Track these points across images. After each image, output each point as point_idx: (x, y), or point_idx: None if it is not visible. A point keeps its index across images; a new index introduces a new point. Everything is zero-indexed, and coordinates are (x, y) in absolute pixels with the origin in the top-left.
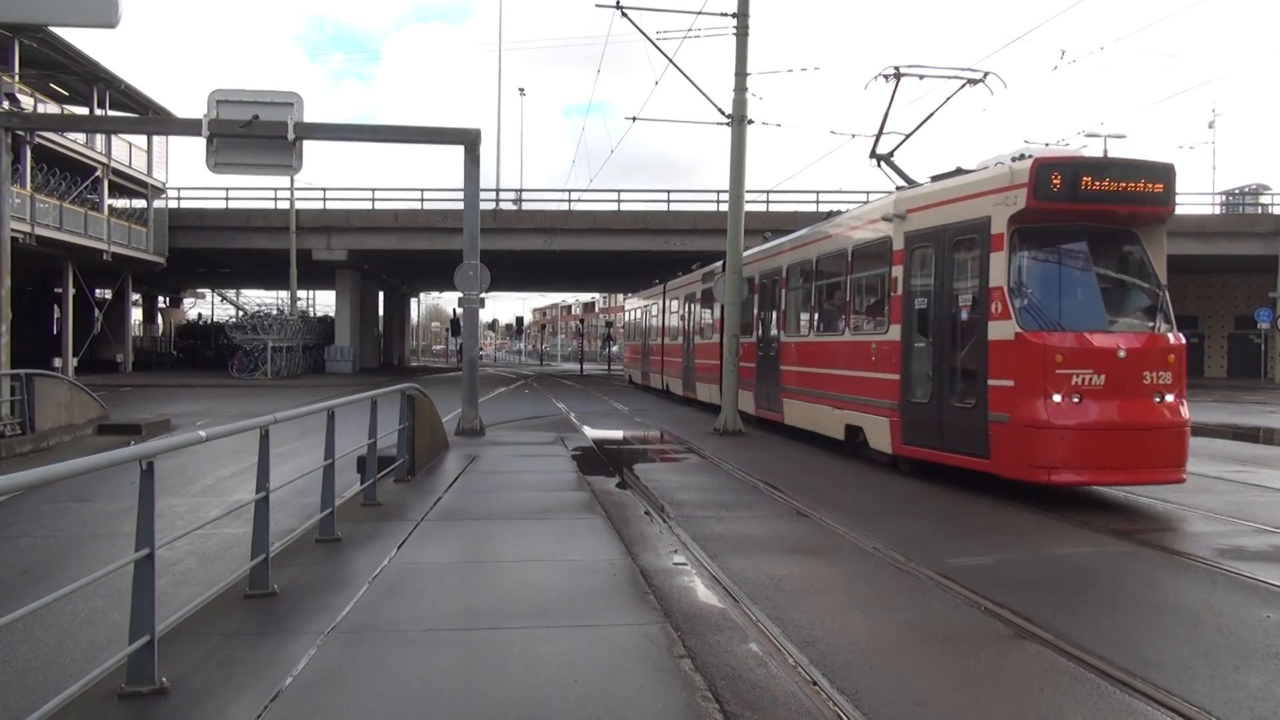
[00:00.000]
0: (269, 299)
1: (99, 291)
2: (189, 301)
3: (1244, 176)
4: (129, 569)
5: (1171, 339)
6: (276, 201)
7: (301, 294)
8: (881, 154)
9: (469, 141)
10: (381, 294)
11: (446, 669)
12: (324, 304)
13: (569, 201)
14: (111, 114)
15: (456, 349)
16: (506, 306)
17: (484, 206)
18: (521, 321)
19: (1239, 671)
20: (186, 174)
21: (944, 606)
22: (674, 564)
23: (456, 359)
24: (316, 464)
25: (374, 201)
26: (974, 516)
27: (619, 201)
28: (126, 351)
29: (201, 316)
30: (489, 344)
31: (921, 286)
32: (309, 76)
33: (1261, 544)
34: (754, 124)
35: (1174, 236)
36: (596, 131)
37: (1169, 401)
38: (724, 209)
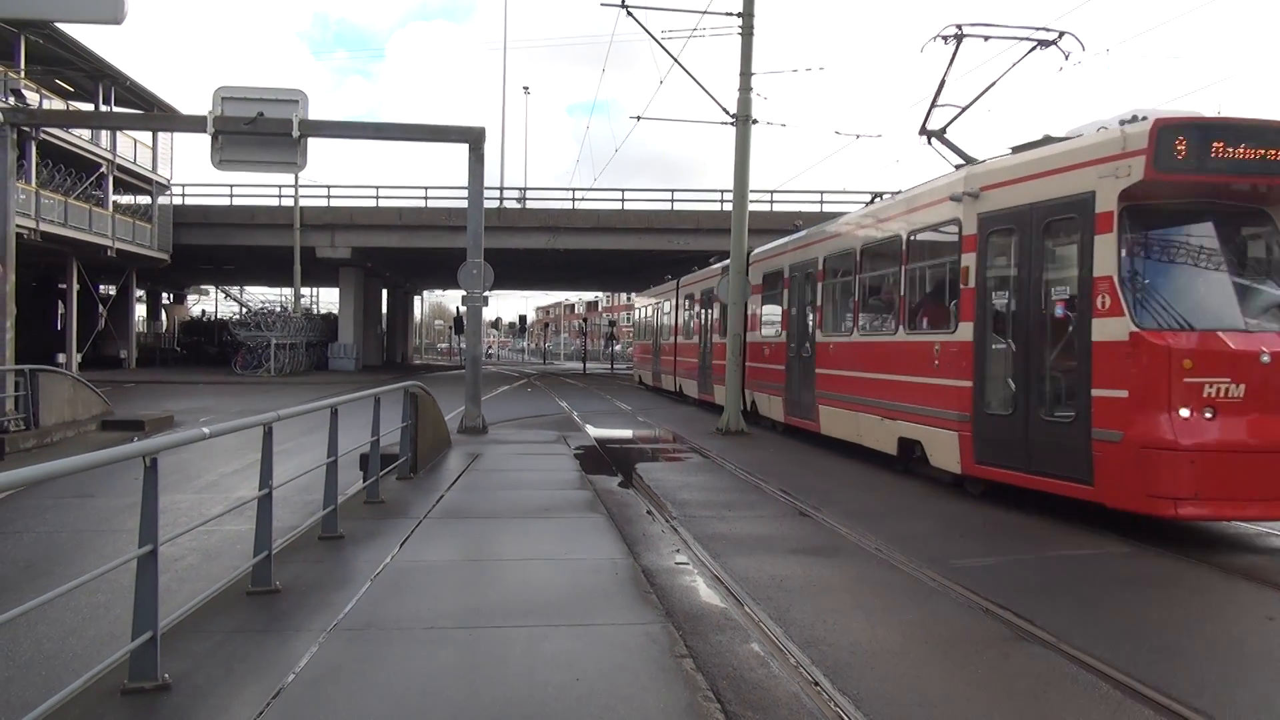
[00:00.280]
0: (273, 296)
1: (103, 288)
2: (193, 298)
3: None
4: (132, 565)
5: None
6: (281, 199)
7: (305, 291)
8: (933, 130)
9: (473, 140)
10: (385, 291)
11: (448, 667)
12: (328, 301)
13: (573, 200)
14: (117, 110)
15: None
16: (509, 305)
17: (488, 205)
18: (525, 320)
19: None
20: (191, 171)
21: (946, 607)
22: (676, 563)
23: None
24: (319, 461)
25: (378, 199)
26: (976, 518)
27: (623, 201)
28: (130, 348)
29: (205, 313)
30: (496, 343)
31: (1000, 277)
32: (313, 74)
33: None
34: (758, 124)
35: None
36: (601, 130)
37: None
38: (728, 209)
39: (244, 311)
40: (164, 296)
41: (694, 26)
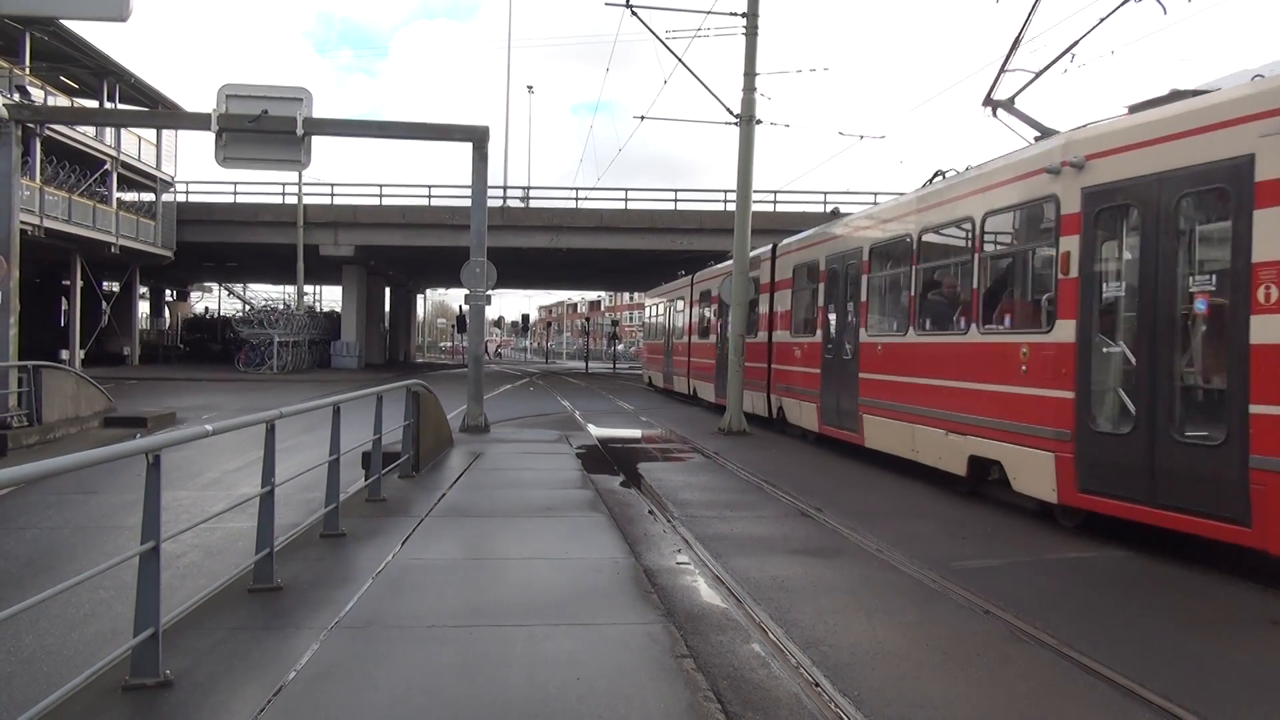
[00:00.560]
0: (276, 294)
1: (107, 284)
2: (196, 295)
3: None
4: (134, 562)
5: None
6: (284, 197)
7: (308, 289)
8: (1000, 99)
9: (477, 139)
10: (388, 290)
11: (449, 665)
12: (330, 299)
13: (576, 200)
14: (121, 107)
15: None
16: (512, 303)
17: (491, 204)
18: (527, 319)
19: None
20: (195, 168)
21: (947, 609)
22: (677, 563)
23: (463, 356)
24: (321, 459)
25: (381, 198)
26: (977, 520)
27: (626, 200)
28: (133, 345)
29: (208, 310)
30: (502, 343)
31: (1112, 265)
32: (317, 72)
33: None
34: (762, 124)
35: None
36: (604, 130)
37: None
38: (731, 209)
39: (247, 309)
40: (167, 293)
41: (698, 26)
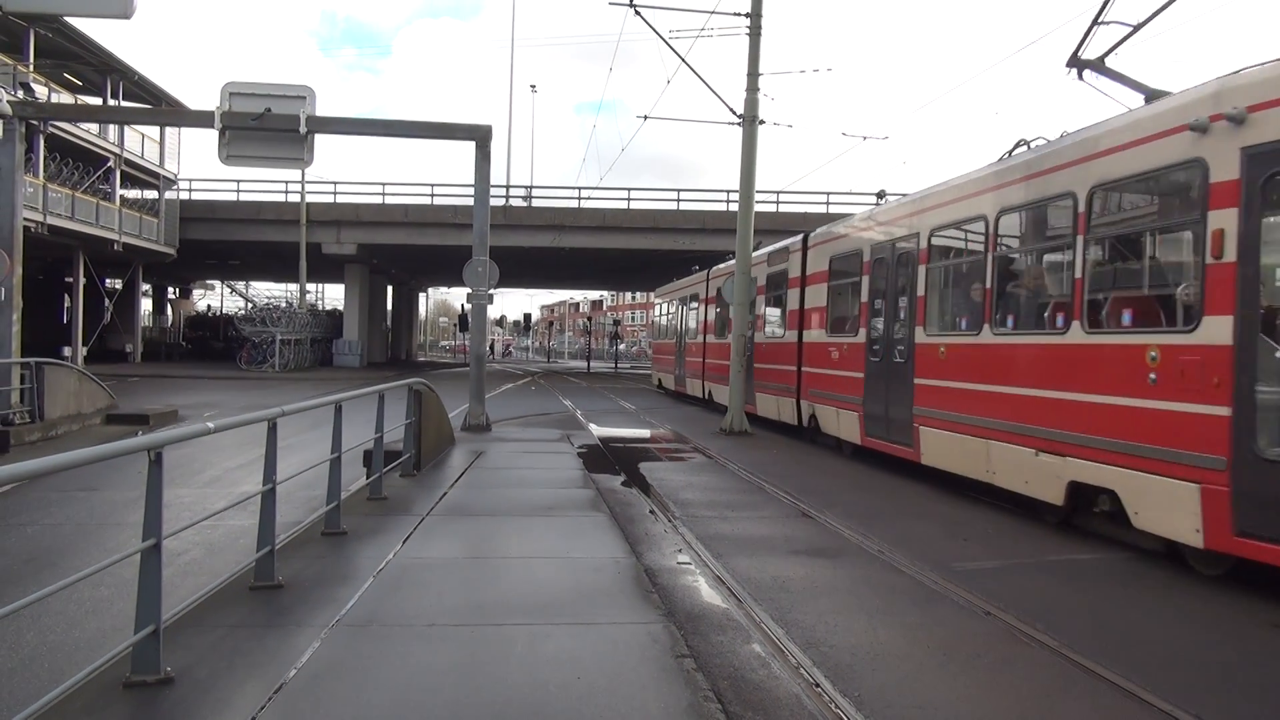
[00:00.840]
0: (278, 292)
1: (109, 281)
2: (198, 293)
3: None
4: (135, 559)
5: None
6: (287, 194)
7: (310, 287)
8: (1089, 59)
9: (480, 138)
10: (390, 288)
11: (450, 664)
12: (333, 298)
13: (579, 199)
14: (125, 105)
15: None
16: (514, 302)
17: (494, 203)
18: (529, 318)
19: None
20: (198, 166)
21: (948, 610)
22: (678, 563)
23: (464, 354)
24: (323, 457)
25: (384, 196)
26: (978, 522)
27: (629, 200)
28: (136, 342)
29: (211, 308)
30: (507, 342)
31: None
32: (320, 71)
33: None
34: (765, 124)
35: None
36: (607, 130)
37: None
38: (734, 209)
39: (249, 307)
40: (170, 291)
41: (701, 27)
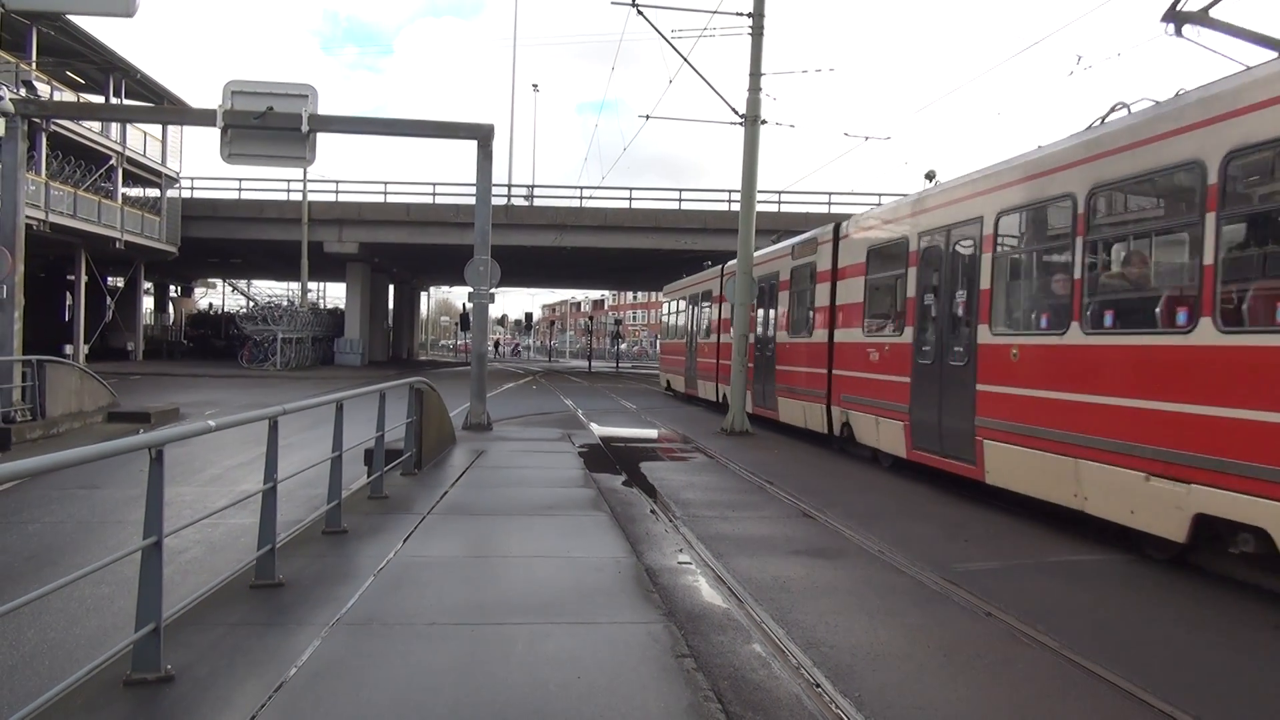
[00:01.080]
0: (280, 290)
1: (111, 280)
2: (200, 291)
3: None
4: (136, 557)
5: None
6: (289, 193)
7: (312, 286)
8: (1190, 10)
9: (482, 137)
10: (392, 287)
11: (450, 663)
12: (334, 296)
13: (580, 199)
14: (127, 103)
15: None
16: (516, 302)
17: (496, 202)
18: (531, 317)
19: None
20: (200, 164)
21: (949, 611)
22: (679, 563)
23: (464, 354)
24: (324, 456)
25: (386, 195)
26: (979, 522)
27: (630, 199)
28: (137, 340)
29: (212, 306)
30: (512, 341)
31: None
32: (322, 69)
33: None
34: (767, 124)
35: None
36: (609, 129)
37: None
38: (736, 209)
39: (251, 305)
40: (171, 289)
41: (704, 26)
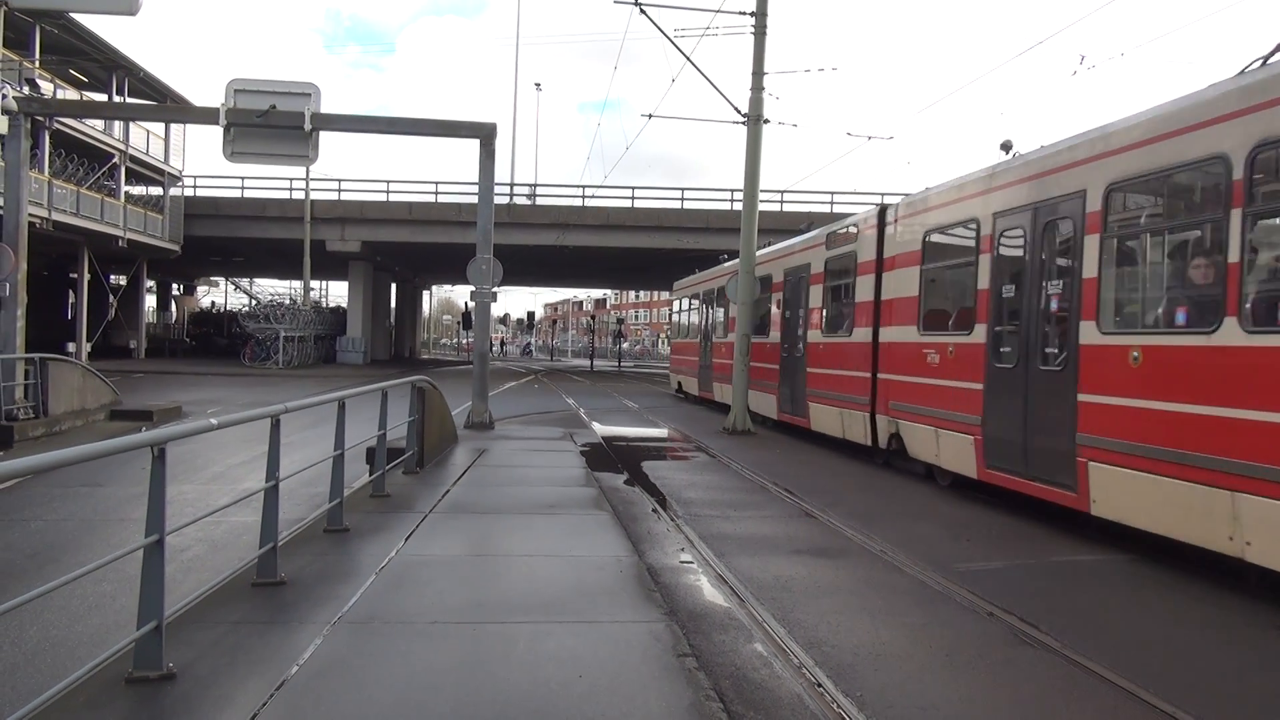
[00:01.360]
0: (282, 289)
1: (114, 278)
2: (203, 290)
3: None
4: (138, 555)
5: None
6: (291, 192)
7: (314, 284)
8: None
9: (484, 136)
10: (394, 286)
11: (451, 661)
12: (336, 295)
13: (583, 198)
14: (130, 101)
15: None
16: (518, 300)
17: (498, 201)
18: (533, 316)
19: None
20: (203, 162)
21: (951, 611)
22: (680, 562)
23: (466, 353)
24: (326, 454)
25: (388, 194)
26: (981, 522)
27: (633, 199)
28: (140, 338)
29: (215, 305)
30: (510, 339)
31: None
32: (325, 68)
33: None
34: (770, 123)
35: None
36: (612, 128)
37: None
38: (738, 208)
39: (253, 304)
40: (174, 287)
41: (707, 25)
